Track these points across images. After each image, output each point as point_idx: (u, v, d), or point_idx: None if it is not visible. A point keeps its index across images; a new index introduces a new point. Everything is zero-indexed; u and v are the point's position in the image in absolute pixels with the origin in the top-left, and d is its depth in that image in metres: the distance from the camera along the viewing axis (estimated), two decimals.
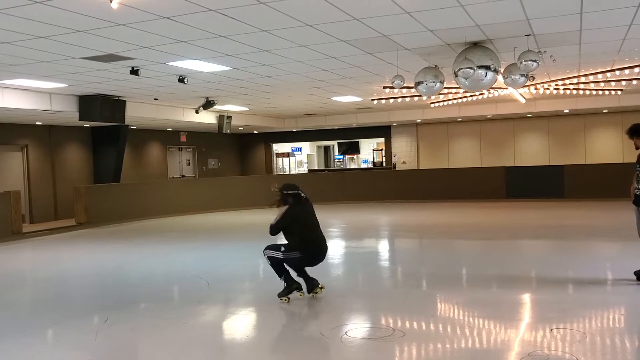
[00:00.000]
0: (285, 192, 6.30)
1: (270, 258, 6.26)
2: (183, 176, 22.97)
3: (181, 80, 11.17)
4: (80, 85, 11.84)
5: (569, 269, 7.66)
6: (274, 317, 5.79)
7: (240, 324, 5.72)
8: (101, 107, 13.49)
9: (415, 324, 5.41)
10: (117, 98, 13.91)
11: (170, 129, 21.46)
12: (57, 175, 17.28)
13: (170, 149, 22.56)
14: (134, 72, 10.07)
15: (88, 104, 13.39)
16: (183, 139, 22.73)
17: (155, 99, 14.75)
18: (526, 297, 6.30)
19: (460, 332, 5.07)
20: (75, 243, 12.05)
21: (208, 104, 14.74)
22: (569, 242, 10.01)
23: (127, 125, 17.25)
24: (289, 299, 6.19)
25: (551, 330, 4.92)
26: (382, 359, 4.45)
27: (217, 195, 17.82)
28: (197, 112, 15.55)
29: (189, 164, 23.72)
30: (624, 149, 19.77)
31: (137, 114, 15.27)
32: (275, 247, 6.29)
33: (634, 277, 6.52)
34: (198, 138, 23.45)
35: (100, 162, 18.46)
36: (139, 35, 7.72)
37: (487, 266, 8.15)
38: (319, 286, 6.30)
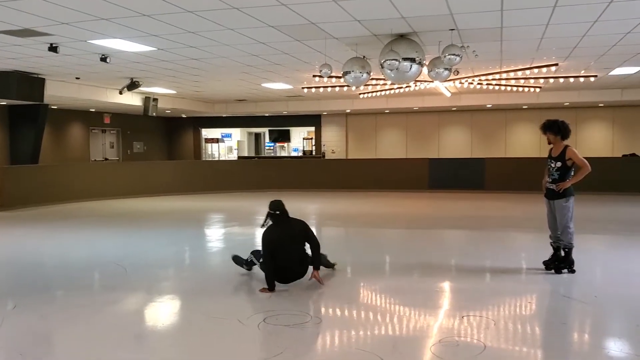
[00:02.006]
0: (268, 210, 6.21)
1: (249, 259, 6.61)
2: (106, 159, 22.27)
3: (103, 59, 10.77)
4: None
5: (485, 259, 7.94)
6: (193, 305, 5.69)
7: (156, 312, 5.59)
8: (18, 85, 12.87)
9: (332, 311, 5.47)
10: (35, 75, 13.29)
11: (93, 110, 20.72)
12: None
13: (93, 131, 21.79)
14: (53, 49, 9.63)
15: (3, 80, 12.73)
16: (107, 120, 21.99)
17: (77, 78, 14.19)
18: (442, 285, 6.47)
19: (376, 318, 5.15)
20: None
21: (132, 85, 14.31)
22: (487, 233, 10.37)
23: (47, 105, 16.53)
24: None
25: (463, 317, 5.08)
26: (295, 345, 4.46)
27: (142, 180, 17.29)
28: (121, 93, 15.07)
29: (112, 147, 23.02)
30: (541, 144, 20.67)
31: (57, 93, 14.64)
32: (257, 254, 6.43)
33: (543, 267, 6.84)
34: (123, 120, 22.76)
35: (18, 143, 17.60)
36: (57, 10, 7.37)
37: (408, 255, 8.32)
38: None
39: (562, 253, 6.72)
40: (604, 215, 12.23)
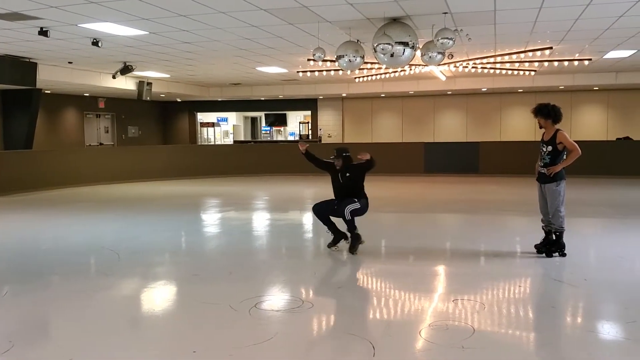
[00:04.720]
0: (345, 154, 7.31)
1: (352, 212, 6.91)
2: (101, 144, 22.20)
3: (95, 43, 10.68)
4: None
5: (478, 242, 7.97)
6: (186, 290, 5.71)
7: (149, 297, 5.61)
8: (10, 69, 12.78)
9: (324, 295, 5.50)
10: (27, 60, 13.19)
11: (87, 95, 20.60)
12: None
13: (87, 116, 21.70)
14: (43, 33, 9.54)
15: None
16: (101, 105, 21.89)
17: (69, 62, 14.08)
18: (436, 269, 6.50)
19: (368, 303, 5.18)
20: None
21: (126, 69, 14.22)
22: (481, 216, 10.41)
23: (40, 89, 16.41)
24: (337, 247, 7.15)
25: (453, 301, 5.12)
26: (286, 331, 4.49)
27: (137, 165, 17.24)
28: (114, 77, 14.97)
29: (107, 132, 22.93)
30: (535, 128, 20.57)
31: (50, 78, 14.55)
32: (351, 201, 6.97)
33: (535, 251, 6.87)
34: (117, 104, 22.65)
35: (11, 128, 17.52)
36: None
37: (402, 238, 8.36)
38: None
39: (553, 237, 6.75)
40: (597, 198, 12.26)
